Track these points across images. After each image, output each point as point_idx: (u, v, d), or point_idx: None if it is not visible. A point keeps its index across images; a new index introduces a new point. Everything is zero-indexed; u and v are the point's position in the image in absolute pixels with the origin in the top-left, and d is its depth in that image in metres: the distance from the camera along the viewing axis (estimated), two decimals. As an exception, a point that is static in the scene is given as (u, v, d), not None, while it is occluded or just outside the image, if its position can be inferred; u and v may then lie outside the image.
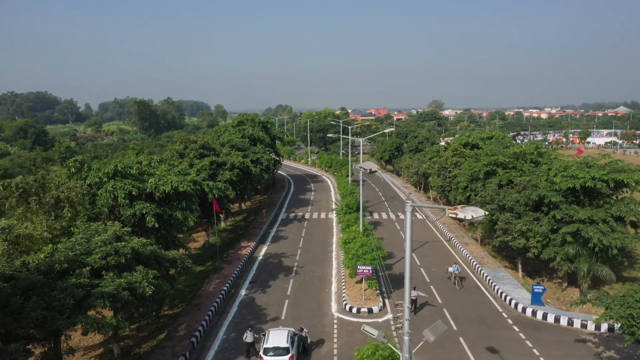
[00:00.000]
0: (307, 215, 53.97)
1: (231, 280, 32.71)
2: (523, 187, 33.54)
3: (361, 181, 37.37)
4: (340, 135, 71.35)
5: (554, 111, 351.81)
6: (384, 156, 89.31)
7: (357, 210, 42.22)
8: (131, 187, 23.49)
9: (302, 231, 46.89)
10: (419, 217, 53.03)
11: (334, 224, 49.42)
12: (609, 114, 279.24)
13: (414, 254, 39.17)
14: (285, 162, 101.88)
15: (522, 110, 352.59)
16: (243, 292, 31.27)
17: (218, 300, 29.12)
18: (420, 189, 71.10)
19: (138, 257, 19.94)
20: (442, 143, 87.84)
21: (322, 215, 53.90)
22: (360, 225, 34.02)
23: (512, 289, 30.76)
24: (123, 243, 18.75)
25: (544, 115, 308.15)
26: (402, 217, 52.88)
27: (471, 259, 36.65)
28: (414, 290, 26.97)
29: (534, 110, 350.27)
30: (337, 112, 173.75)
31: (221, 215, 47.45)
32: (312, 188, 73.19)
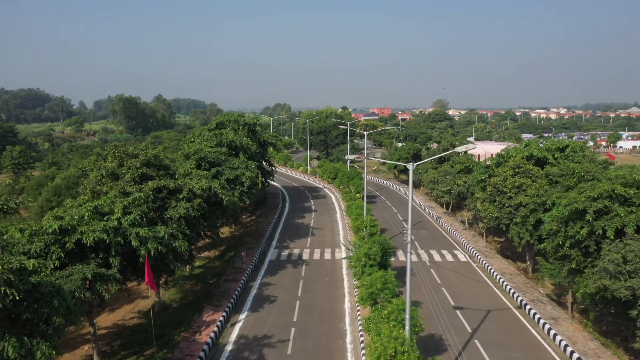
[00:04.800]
0: (305, 254, 39.16)
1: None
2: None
3: (410, 224, 21.71)
4: (364, 157, 56.10)
5: (562, 111, 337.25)
6: (398, 165, 74.61)
7: (383, 264, 27.51)
8: None
9: (299, 286, 32.07)
10: (461, 258, 38.34)
11: (344, 271, 34.70)
12: (622, 115, 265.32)
13: (476, 341, 24.41)
14: (280, 169, 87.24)
15: (528, 110, 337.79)
16: None
17: None
18: (448, 208, 56.52)
19: None
20: (475, 151, 72.77)
21: (326, 255, 39.11)
22: (407, 325, 18.57)
23: None
24: None
25: (552, 116, 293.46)
26: (437, 258, 38.17)
27: (577, 358, 21.87)
28: None
29: (541, 111, 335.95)
30: (339, 111, 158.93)
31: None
32: (313, 207, 58.29)
